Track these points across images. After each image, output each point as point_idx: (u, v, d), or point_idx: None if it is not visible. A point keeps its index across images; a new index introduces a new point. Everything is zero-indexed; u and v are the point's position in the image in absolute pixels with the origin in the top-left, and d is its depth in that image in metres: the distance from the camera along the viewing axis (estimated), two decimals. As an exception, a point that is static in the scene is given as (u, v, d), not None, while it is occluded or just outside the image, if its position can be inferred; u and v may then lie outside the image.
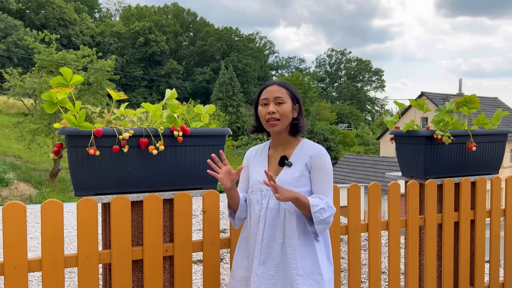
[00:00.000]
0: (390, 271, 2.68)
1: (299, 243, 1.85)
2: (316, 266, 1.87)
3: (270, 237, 1.88)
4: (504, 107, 27.95)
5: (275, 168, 1.95)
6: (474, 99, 2.86)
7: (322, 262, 1.89)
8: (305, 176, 1.89)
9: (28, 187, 18.98)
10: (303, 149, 1.93)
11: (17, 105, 29.62)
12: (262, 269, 1.87)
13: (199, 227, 5.35)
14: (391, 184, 2.63)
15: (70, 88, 1.92)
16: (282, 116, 1.88)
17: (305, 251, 1.86)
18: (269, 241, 1.88)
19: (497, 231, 3.06)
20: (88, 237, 1.94)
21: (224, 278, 3.65)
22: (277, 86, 1.92)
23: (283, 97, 1.89)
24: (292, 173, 1.89)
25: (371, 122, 73.08)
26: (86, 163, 1.95)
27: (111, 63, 20.68)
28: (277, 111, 1.87)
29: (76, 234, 3.28)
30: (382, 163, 26.08)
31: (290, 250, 1.85)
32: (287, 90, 1.92)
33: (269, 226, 1.89)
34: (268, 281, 1.86)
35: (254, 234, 1.93)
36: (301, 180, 1.88)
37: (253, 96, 2.02)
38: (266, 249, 1.88)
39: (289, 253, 1.85)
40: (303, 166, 1.89)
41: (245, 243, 2.01)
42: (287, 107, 1.89)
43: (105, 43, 59.17)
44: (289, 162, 1.91)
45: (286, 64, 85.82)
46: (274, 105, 1.88)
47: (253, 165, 2.03)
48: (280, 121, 1.88)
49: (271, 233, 1.88)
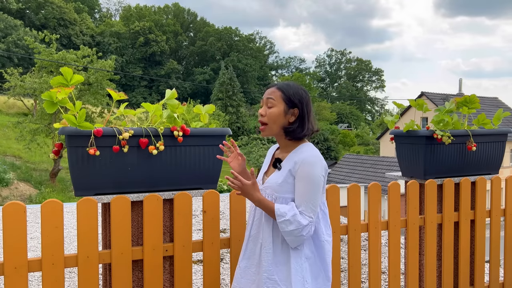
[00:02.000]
0: (390, 271, 2.68)
1: (273, 247, 1.82)
2: (287, 277, 1.79)
3: (255, 235, 1.90)
4: (504, 107, 27.95)
5: (271, 169, 1.94)
6: (474, 99, 2.86)
7: (295, 276, 1.78)
8: (288, 183, 1.80)
9: (28, 187, 18.98)
10: (296, 154, 1.84)
11: (17, 105, 29.63)
12: (245, 263, 1.91)
13: (199, 227, 5.34)
14: (391, 184, 2.63)
15: (70, 88, 1.92)
16: (269, 120, 1.82)
17: (279, 257, 1.82)
18: (254, 239, 1.90)
19: (497, 231, 3.06)
20: (88, 237, 1.94)
21: (224, 278, 3.65)
22: (273, 88, 1.85)
23: (274, 100, 1.82)
24: (277, 178, 1.84)
25: (371, 122, 73.09)
26: (86, 163, 1.95)
27: (111, 63, 20.69)
28: (266, 115, 1.83)
29: (76, 234, 3.28)
30: (382, 163, 26.08)
31: (264, 252, 1.84)
32: (282, 93, 1.82)
33: (255, 224, 1.91)
34: (249, 276, 1.89)
35: (248, 230, 1.97)
36: (283, 186, 1.81)
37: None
38: (251, 246, 1.91)
39: (263, 255, 1.84)
40: (287, 171, 1.81)
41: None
42: (276, 111, 1.81)
43: (104, 43, 59.19)
44: (279, 165, 1.87)
45: (286, 64, 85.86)
46: (265, 107, 1.84)
47: (264, 163, 2.05)
48: (267, 125, 1.83)
49: (256, 232, 1.90)
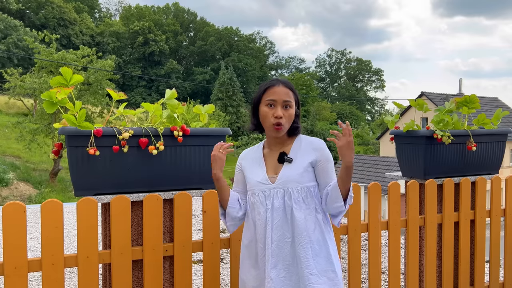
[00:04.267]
0: (390, 271, 2.68)
1: (309, 240, 1.80)
2: (329, 263, 1.82)
3: (279, 238, 1.82)
4: (504, 107, 27.94)
5: (274, 166, 1.89)
6: (474, 99, 2.86)
7: (335, 259, 1.86)
8: (309, 172, 1.84)
9: (28, 187, 18.98)
10: (301, 144, 1.89)
11: (17, 105, 29.63)
12: (275, 273, 1.80)
13: (199, 227, 5.35)
14: (391, 184, 2.63)
15: (70, 88, 1.92)
16: (287, 122, 1.83)
17: (317, 248, 1.82)
18: (279, 242, 1.82)
19: (497, 231, 3.06)
20: (88, 237, 1.94)
21: (224, 278, 3.65)
22: (285, 88, 1.84)
23: (291, 101, 1.84)
24: (295, 169, 1.83)
25: (371, 122, 73.10)
26: (86, 163, 1.95)
27: (110, 63, 20.69)
28: (284, 116, 1.81)
29: (76, 234, 3.28)
30: (382, 163, 26.08)
31: (300, 248, 1.79)
32: (293, 94, 1.86)
33: (277, 227, 1.82)
34: (281, 283, 1.80)
35: (262, 237, 1.85)
36: (304, 176, 1.83)
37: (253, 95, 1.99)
38: (276, 251, 1.81)
39: (300, 252, 1.79)
40: (305, 161, 1.84)
41: (248, 251, 1.94)
42: (292, 112, 1.85)
43: (104, 43, 59.20)
44: (289, 158, 1.85)
45: (286, 64, 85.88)
46: (282, 108, 1.82)
47: (248, 167, 1.95)
48: (284, 126, 1.83)
49: (280, 234, 1.82)
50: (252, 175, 1.92)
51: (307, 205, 1.83)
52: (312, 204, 1.84)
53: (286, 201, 1.83)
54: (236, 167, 2.02)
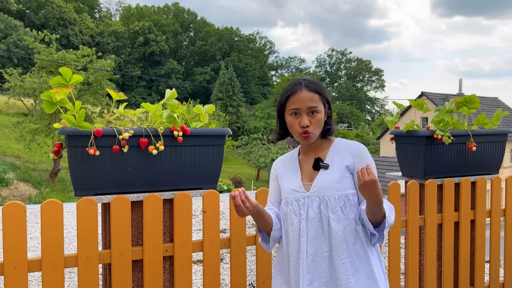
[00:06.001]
0: (390, 271, 2.68)
1: (349, 254, 1.64)
2: (372, 280, 1.65)
3: (315, 251, 1.66)
4: (504, 107, 27.94)
5: (309, 173, 1.75)
6: (474, 99, 2.86)
7: (379, 276, 1.67)
8: (347, 178, 1.68)
9: (28, 187, 18.99)
10: (339, 149, 1.74)
11: (17, 105, 29.65)
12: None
13: (199, 227, 5.35)
14: (391, 184, 2.63)
15: (70, 88, 1.91)
16: (315, 128, 1.68)
17: (357, 263, 1.65)
18: (315, 257, 1.66)
19: (497, 231, 3.06)
20: (88, 237, 1.93)
21: (224, 278, 3.65)
22: (309, 92, 1.67)
23: (317, 106, 1.67)
24: (331, 176, 1.68)
25: (371, 122, 73.09)
26: (86, 163, 1.95)
27: (110, 63, 20.70)
28: (311, 123, 1.67)
29: (76, 234, 3.28)
30: (382, 163, 26.07)
31: (339, 263, 1.63)
32: (319, 96, 1.69)
33: (312, 239, 1.67)
34: None
35: (295, 251, 1.70)
36: (342, 183, 1.67)
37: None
38: (312, 266, 1.66)
39: (339, 268, 1.63)
40: (343, 167, 1.69)
41: (280, 266, 1.81)
42: (321, 116, 1.69)
43: (103, 43, 59.22)
44: (325, 164, 1.71)
45: (286, 64, 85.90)
46: (307, 116, 1.67)
47: (283, 175, 1.83)
48: (313, 133, 1.68)
49: (316, 247, 1.66)
50: (286, 183, 1.79)
51: (345, 216, 1.65)
52: (352, 215, 1.66)
53: (322, 210, 1.67)
54: (271, 175, 1.91)
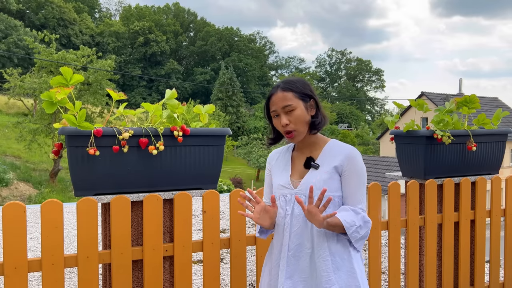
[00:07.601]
0: (390, 271, 2.68)
1: (330, 253, 1.65)
2: (353, 278, 1.66)
3: (297, 247, 1.69)
4: (504, 107, 27.94)
5: (299, 171, 1.77)
6: (474, 99, 2.86)
7: (361, 275, 1.69)
8: (334, 179, 1.69)
9: (28, 187, 18.99)
10: (332, 150, 1.74)
11: (17, 105, 29.66)
12: (289, 284, 1.67)
13: (199, 227, 5.35)
14: (391, 184, 2.63)
15: (70, 88, 1.91)
16: (296, 125, 1.69)
17: (339, 261, 1.66)
18: (296, 252, 1.69)
19: (497, 231, 3.06)
20: (88, 237, 1.93)
21: (224, 278, 3.65)
22: (282, 93, 1.70)
23: (291, 103, 1.68)
24: (320, 176, 1.69)
25: (371, 122, 73.10)
26: (86, 163, 1.95)
27: (110, 63, 20.70)
28: (290, 121, 1.69)
29: (76, 234, 3.28)
30: (382, 163, 26.07)
31: (320, 261, 1.65)
32: (293, 92, 1.70)
33: (295, 234, 1.69)
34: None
35: (279, 244, 1.74)
36: (330, 184, 1.68)
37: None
38: (292, 261, 1.69)
39: (320, 265, 1.65)
40: (332, 168, 1.69)
41: (269, 256, 1.85)
42: (300, 112, 1.69)
43: (103, 43, 59.24)
44: (316, 164, 1.72)
45: (286, 64, 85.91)
46: (285, 115, 1.69)
47: (275, 169, 1.85)
48: (295, 130, 1.70)
49: (298, 243, 1.69)
50: (277, 178, 1.82)
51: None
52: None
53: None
54: (266, 169, 1.92)
